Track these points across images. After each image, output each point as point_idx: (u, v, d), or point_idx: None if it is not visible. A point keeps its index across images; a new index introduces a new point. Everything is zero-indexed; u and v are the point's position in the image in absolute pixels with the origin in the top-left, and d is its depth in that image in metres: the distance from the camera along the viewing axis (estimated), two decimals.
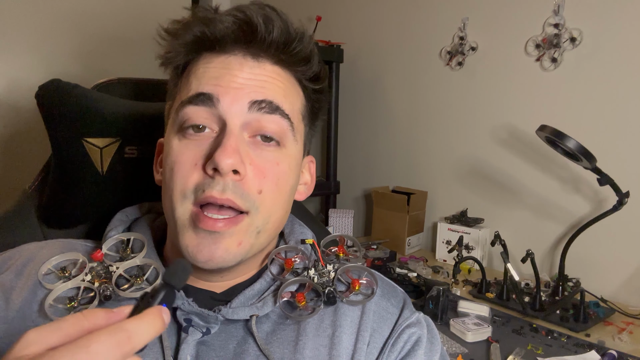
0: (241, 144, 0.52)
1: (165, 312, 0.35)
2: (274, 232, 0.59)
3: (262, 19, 0.53)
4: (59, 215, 0.75)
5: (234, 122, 0.52)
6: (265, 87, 0.54)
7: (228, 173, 0.51)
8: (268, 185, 0.54)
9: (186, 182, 0.53)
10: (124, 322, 0.32)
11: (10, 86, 1.79)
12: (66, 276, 0.57)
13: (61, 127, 0.73)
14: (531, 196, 1.65)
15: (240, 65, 0.54)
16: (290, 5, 2.43)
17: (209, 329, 0.54)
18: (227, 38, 0.54)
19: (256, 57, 0.55)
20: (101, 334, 0.31)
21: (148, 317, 0.34)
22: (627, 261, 1.44)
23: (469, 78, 1.81)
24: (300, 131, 0.59)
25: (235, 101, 0.52)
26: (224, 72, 0.54)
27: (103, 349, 0.30)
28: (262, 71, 0.55)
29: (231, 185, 0.51)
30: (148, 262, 0.58)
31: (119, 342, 0.31)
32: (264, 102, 0.53)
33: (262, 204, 0.54)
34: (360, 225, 2.25)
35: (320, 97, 0.62)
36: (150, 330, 0.33)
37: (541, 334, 1.17)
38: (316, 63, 0.59)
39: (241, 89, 0.53)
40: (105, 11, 1.95)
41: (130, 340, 0.31)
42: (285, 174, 0.56)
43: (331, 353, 0.55)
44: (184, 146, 0.54)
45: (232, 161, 0.50)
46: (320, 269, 0.61)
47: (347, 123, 2.24)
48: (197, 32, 0.55)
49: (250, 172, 0.53)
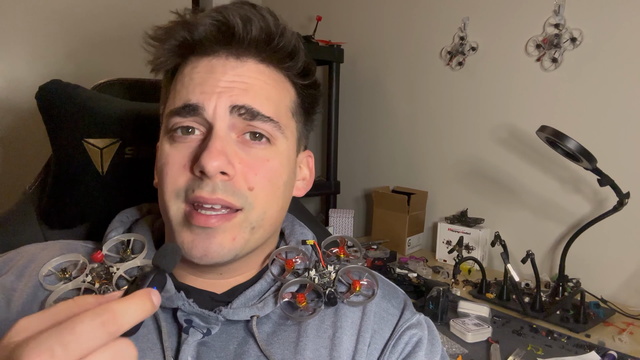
0: (228, 145, 0.53)
1: (155, 294, 0.35)
2: (269, 228, 0.58)
3: (239, 18, 0.53)
4: (59, 215, 0.75)
5: (219, 124, 0.53)
6: (247, 90, 0.54)
7: (216, 175, 0.51)
8: (260, 181, 0.54)
9: (176, 182, 0.53)
10: (110, 303, 0.32)
11: (10, 87, 1.79)
12: (67, 277, 0.57)
13: (61, 127, 0.73)
14: (531, 196, 1.65)
15: (224, 67, 0.54)
16: (291, 5, 2.43)
17: (209, 330, 0.54)
18: (207, 41, 0.54)
19: (238, 57, 0.55)
20: (86, 315, 0.31)
21: (135, 299, 0.34)
22: (628, 261, 1.44)
23: (470, 78, 1.81)
24: (291, 128, 0.59)
25: (218, 106, 0.53)
26: (208, 77, 0.54)
27: (87, 328, 0.30)
28: (246, 71, 0.55)
29: (221, 185, 0.51)
30: (148, 262, 0.58)
31: (103, 322, 0.31)
32: (243, 107, 0.53)
33: (256, 199, 0.54)
34: (360, 225, 2.25)
35: (311, 92, 0.62)
36: (137, 311, 0.33)
37: (541, 335, 1.17)
38: (302, 58, 0.58)
39: (224, 92, 0.53)
40: (105, 11, 1.95)
41: (116, 320, 0.31)
42: (277, 170, 0.56)
43: (332, 354, 0.55)
44: (173, 149, 0.54)
45: (218, 163, 0.50)
46: (321, 269, 0.61)
47: (347, 123, 2.24)
48: (179, 37, 0.55)
49: (240, 171, 0.53)
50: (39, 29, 1.81)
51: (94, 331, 0.30)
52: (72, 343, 0.30)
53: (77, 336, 0.30)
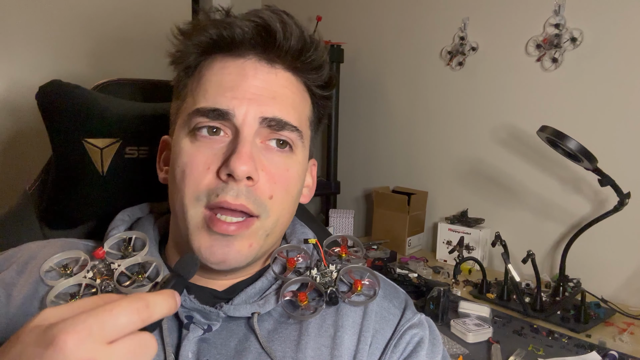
0: (254, 150, 0.53)
1: (177, 296, 0.37)
2: (280, 234, 0.60)
3: (280, 25, 0.54)
4: (59, 215, 0.75)
5: (247, 130, 0.53)
6: (276, 99, 0.55)
7: (242, 179, 0.51)
8: (279, 190, 0.55)
9: (199, 185, 0.53)
10: (142, 293, 0.35)
11: (10, 87, 1.79)
12: (68, 273, 0.57)
13: (61, 127, 0.73)
14: (532, 196, 1.65)
15: (255, 71, 0.55)
16: (291, 5, 2.43)
17: (210, 326, 0.54)
18: (244, 42, 0.54)
19: (271, 62, 0.56)
20: (122, 300, 0.33)
21: (164, 295, 0.36)
22: (628, 261, 1.44)
23: (470, 78, 1.81)
24: (308, 137, 0.61)
25: (249, 112, 0.53)
26: (239, 80, 0.54)
27: (124, 312, 0.33)
28: (275, 78, 0.55)
29: (244, 190, 0.52)
30: (149, 259, 0.58)
31: (138, 308, 0.33)
32: (273, 120, 0.54)
33: (272, 208, 0.55)
34: (360, 225, 2.25)
35: (326, 103, 0.63)
36: (165, 305, 0.36)
37: (542, 335, 1.17)
38: (327, 71, 0.60)
39: (255, 99, 0.53)
40: (106, 12, 1.95)
41: (148, 308, 0.34)
42: (294, 180, 0.57)
43: (333, 353, 0.55)
44: (196, 148, 0.54)
45: (247, 168, 0.51)
46: (323, 269, 0.61)
47: (347, 123, 2.24)
48: (213, 35, 0.55)
49: (263, 178, 0.54)
50: (39, 29, 1.80)
51: (129, 316, 0.33)
52: (109, 323, 0.32)
53: (114, 318, 0.32)
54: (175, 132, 0.58)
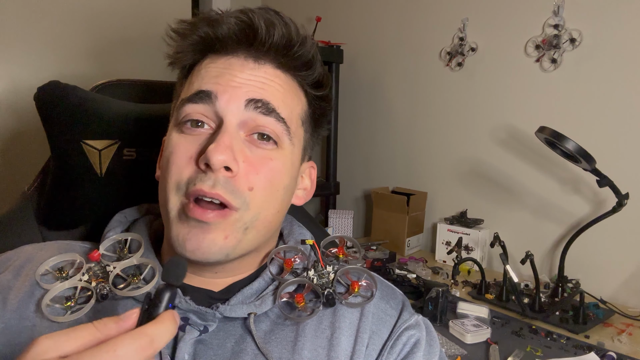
0: (236, 141, 0.53)
1: (176, 315, 0.37)
2: (263, 230, 0.57)
3: (264, 22, 0.54)
4: (57, 216, 0.75)
5: (230, 119, 0.53)
6: (263, 89, 0.55)
7: (219, 169, 0.51)
8: (260, 181, 0.54)
9: (180, 175, 0.53)
10: (145, 327, 0.35)
11: (10, 87, 1.79)
12: (63, 276, 0.57)
13: (60, 129, 0.73)
14: (531, 197, 1.65)
15: (241, 67, 0.56)
16: (291, 6, 2.43)
17: (206, 327, 0.54)
18: (229, 39, 0.55)
19: (257, 59, 0.56)
20: (125, 338, 0.33)
21: (165, 322, 0.36)
22: (627, 262, 1.44)
23: (469, 79, 1.81)
24: (299, 136, 0.60)
25: (233, 99, 0.54)
26: (225, 72, 0.55)
27: (128, 352, 0.32)
28: (263, 73, 0.56)
29: (222, 180, 0.52)
30: (145, 261, 0.58)
31: (142, 346, 0.33)
32: (260, 101, 0.54)
33: (253, 200, 0.54)
34: (359, 226, 2.25)
35: (322, 104, 0.63)
36: (167, 334, 0.35)
37: (540, 336, 1.17)
38: (318, 69, 0.60)
39: (239, 87, 0.54)
40: (106, 12, 1.95)
41: (152, 344, 0.34)
42: (279, 171, 0.56)
43: (329, 354, 0.55)
44: (181, 139, 0.55)
45: (224, 157, 0.51)
46: (320, 270, 0.61)
47: (347, 123, 2.24)
48: (201, 33, 0.56)
49: (243, 170, 0.53)
50: (39, 30, 1.81)
51: (134, 355, 0.33)
52: None
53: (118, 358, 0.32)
54: (169, 128, 0.59)
